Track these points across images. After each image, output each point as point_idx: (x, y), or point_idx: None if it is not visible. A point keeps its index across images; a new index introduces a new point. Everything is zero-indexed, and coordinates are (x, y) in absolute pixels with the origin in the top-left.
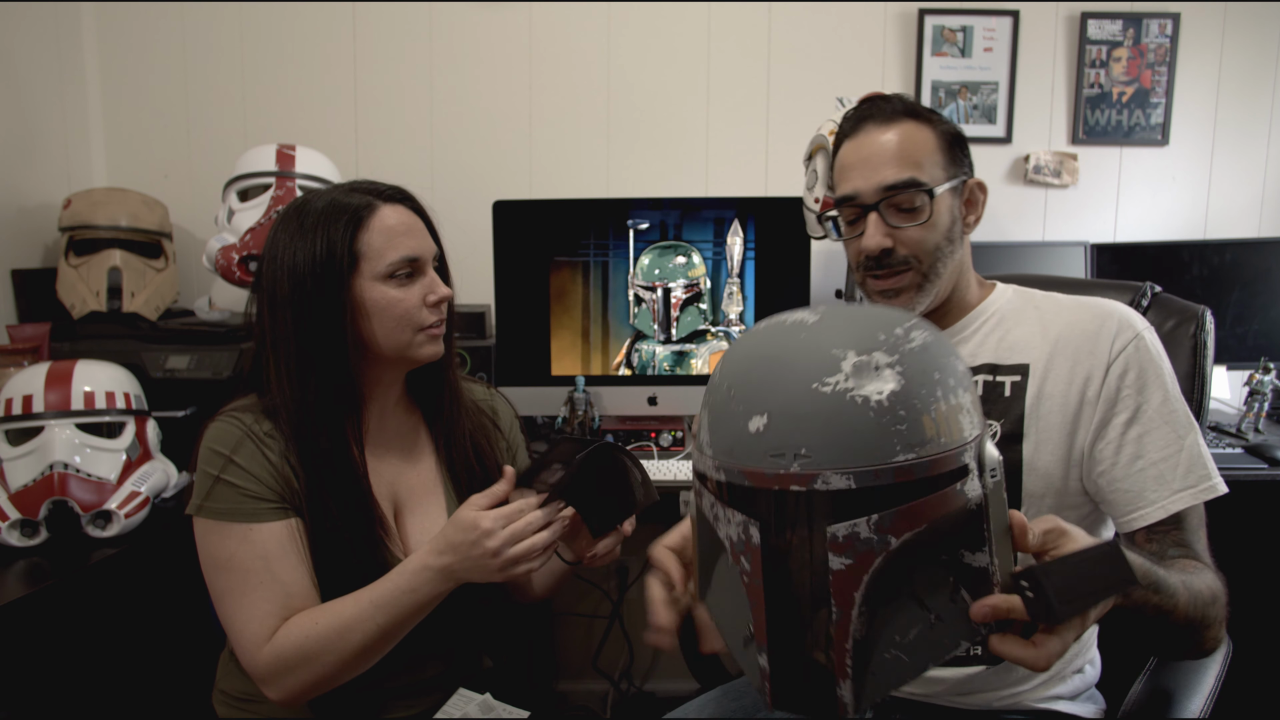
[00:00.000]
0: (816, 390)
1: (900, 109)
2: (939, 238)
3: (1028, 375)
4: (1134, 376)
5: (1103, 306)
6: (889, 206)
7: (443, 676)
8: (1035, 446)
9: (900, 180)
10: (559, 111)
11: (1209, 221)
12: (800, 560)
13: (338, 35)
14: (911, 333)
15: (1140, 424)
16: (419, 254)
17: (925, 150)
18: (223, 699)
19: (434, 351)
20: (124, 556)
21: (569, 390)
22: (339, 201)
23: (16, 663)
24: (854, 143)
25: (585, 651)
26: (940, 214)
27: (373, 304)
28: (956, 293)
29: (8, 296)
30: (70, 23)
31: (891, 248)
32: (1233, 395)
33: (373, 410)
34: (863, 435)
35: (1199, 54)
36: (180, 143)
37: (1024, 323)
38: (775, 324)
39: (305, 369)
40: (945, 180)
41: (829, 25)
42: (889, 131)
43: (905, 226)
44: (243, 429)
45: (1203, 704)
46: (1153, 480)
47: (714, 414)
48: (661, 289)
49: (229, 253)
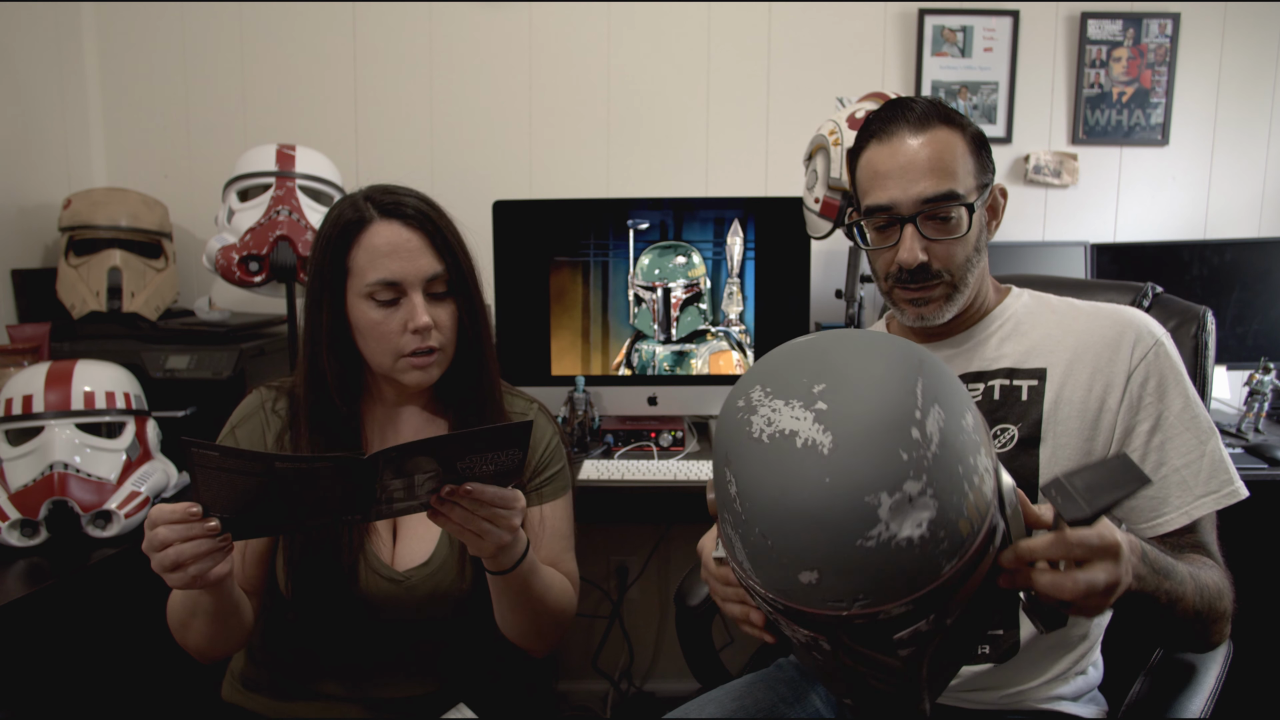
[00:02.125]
0: (862, 546)
1: (932, 112)
2: (970, 250)
3: (1045, 380)
4: (1155, 384)
5: (1121, 313)
6: (925, 219)
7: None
8: (1052, 451)
9: (940, 193)
10: (559, 111)
11: (1209, 221)
12: (869, 657)
13: (338, 35)
14: (927, 423)
15: (1162, 431)
16: (401, 278)
17: (959, 158)
18: (230, 680)
19: (420, 379)
20: (124, 556)
21: (569, 390)
22: (348, 207)
23: (16, 663)
24: (886, 148)
25: (585, 651)
26: (973, 226)
27: (358, 321)
28: (977, 298)
29: (8, 296)
30: (70, 23)
31: (926, 264)
32: (1233, 395)
33: (381, 414)
34: (913, 569)
35: (1199, 54)
36: (180, 143)
37: (1040, 327)
38: (785, 449)
39: (310, 363)
40: (977, 189)
41: (829, 25)
42: (923, 137)
43: (941, 240)
44: (260, 401)
45: (1203, 704)
46: (1175, 487)
47: (753, 554)
48: (661, 289)
49: (229, 253)
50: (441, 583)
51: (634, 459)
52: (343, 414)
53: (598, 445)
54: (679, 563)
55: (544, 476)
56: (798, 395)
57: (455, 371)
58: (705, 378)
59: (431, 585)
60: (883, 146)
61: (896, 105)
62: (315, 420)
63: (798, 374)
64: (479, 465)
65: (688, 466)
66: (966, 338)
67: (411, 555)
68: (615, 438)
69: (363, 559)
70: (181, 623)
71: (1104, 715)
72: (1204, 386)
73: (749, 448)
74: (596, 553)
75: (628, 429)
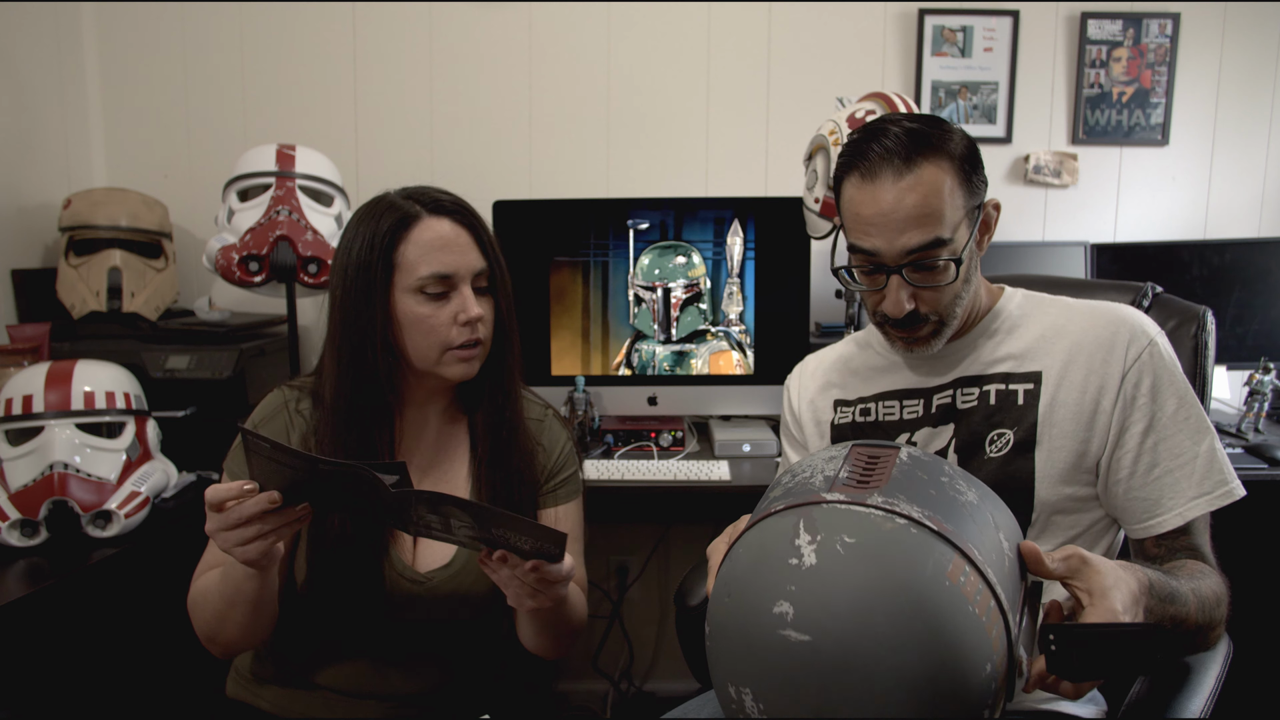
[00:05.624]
0: None
1: (916, 142)
2: (959, 288)
3: (1041, 383)
4: (1149, 384)
5: (1115, 312)
6: (911, 269)
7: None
8: (1048, 455)
9: (926, 243)
10: (559, 111)
11: (1209, 221)
12: None
13: (338, 35)
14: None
15: (1156, 431)
16: (453, 271)
17: (945, 196)
18: (235, 675)
19: (464, 372)
20: (124, 556)
21: (569, 390)
22: (389, 209)
23: (16, 663)
24: (868, 191)
25: (585, 651)
26: (962, 268)
27: (404, 316)
28: (970, 308)
29: (8, 296)
30: (70, 23)
31: (914, 310)
32: (1233, 395)
33: (411, 415)
34: None
35: (1199, 54)
36: (180, 143)
37: (1034, 328)
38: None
39: (344, 365)
40: (966, 220)
41: (829, 26)
42: (908, 179)
43: (928, 286)
44: (283, 400)
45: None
46: (1169, 488)
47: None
48: (661, 289)
49: (229, 253)
50: (463, 584)
51: (634, 459)
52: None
53: (598, 445)
54: (679, 563)
55: (558, 479)
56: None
57: (483, 369)
58: (705, 378)
59: (452, 586)
60: (865, 186)
61: (876, 134)
62: (349, 419)
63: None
64: (514, 539)
65: (688, 466)
66: (961, 344)
67: (433, 557)
68: (615, 438)
69: (385, 560)
70: (218, 615)
71: (1103, 714)
72: (1204, 386)
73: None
74: (596, 553)
75: (628, 429)
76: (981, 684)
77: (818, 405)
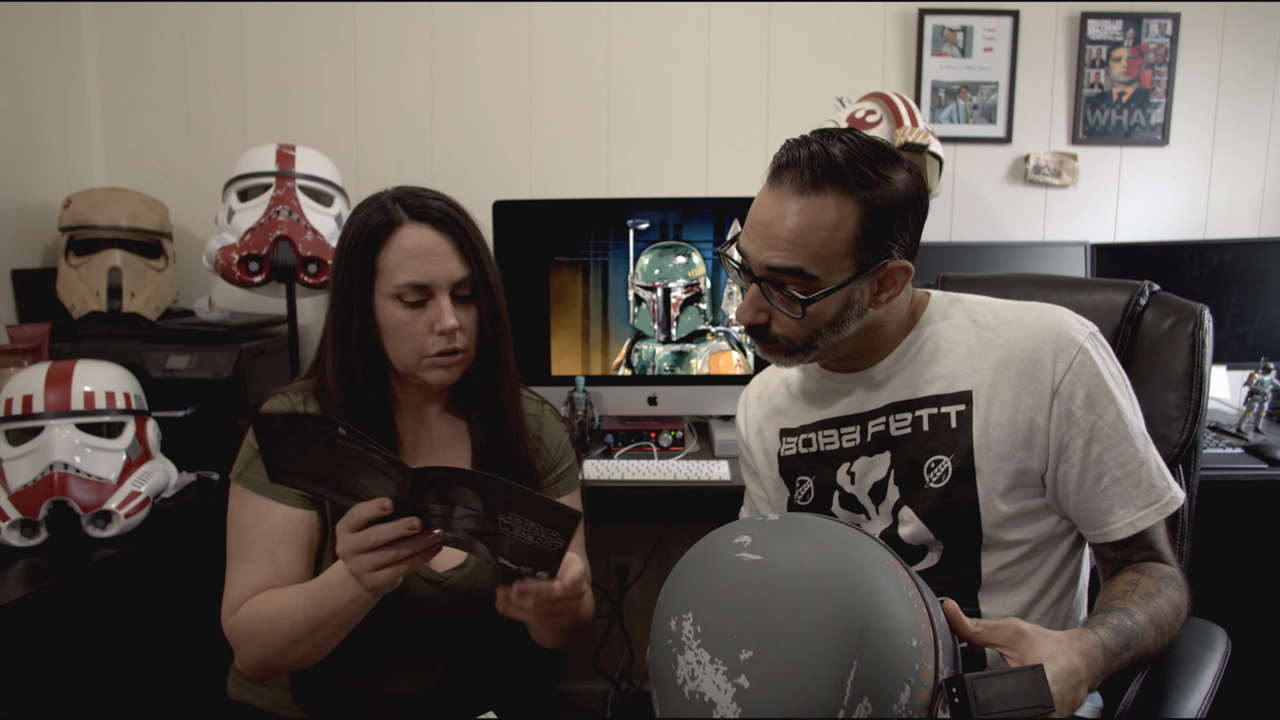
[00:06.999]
0: None
1: (830, 172)
2: (819, 325)
3: (972, 404)
4: (1083, 396)
5: (1040, 320)
6: (770, 286)
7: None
8: (989, 480)
9: (787, 267)
10: (559, 111)
11: (1209, 221)
12: None
13: (338, 35)
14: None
15: (1100, 442)
16: (429, 281)
17: (831, 239)
18: (235, 677)
19: (442, 378)
20: (124, 556)
21: (569, 390)
22: (377, 209)
23: (17, 663)
24: (771, 192)
25: (585, 651)
26: (824, 309)
27: (384, 321)
28: (872, 339)
29: (8, 296)
30: (70, 23)
31: (765, 324)
32: (1233, 395)
33: (411, 416)
34: None
35: (1199, 54)
36: (180, 143)
37: (962, 344)
38: (700, 714)
39: (339, 364)
40: (844, 273)
41: (829, 25)
42: (803, 202)
43: (780, 311)
44: (290, 407)
45: (1200, 703)
46: (1118, 498)
47: None
48: (661, 289)
49: (229, 253)
50: (478, 583)
51: (634, 459)
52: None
53: (598, 445)
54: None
55: (557, 472)
56: (724, 655)
57: (474, 373)
58: (705, 378)
59: (468, 586)
60: (768, 189)
61: (804, 147)
62: (350, 418)
63: (730, 625)
64: (519, 529)
65: (688, 466)
66: (884, 370)
67: (449, 557)
68: (615, 438)
69: None
70: (292, 639)
71: (1099, 713)
72: (1201, 385)
73: (671, 691)
74: (596, 553)
75: (628, 429)
76: (906, 655)
77: (765, 434)
